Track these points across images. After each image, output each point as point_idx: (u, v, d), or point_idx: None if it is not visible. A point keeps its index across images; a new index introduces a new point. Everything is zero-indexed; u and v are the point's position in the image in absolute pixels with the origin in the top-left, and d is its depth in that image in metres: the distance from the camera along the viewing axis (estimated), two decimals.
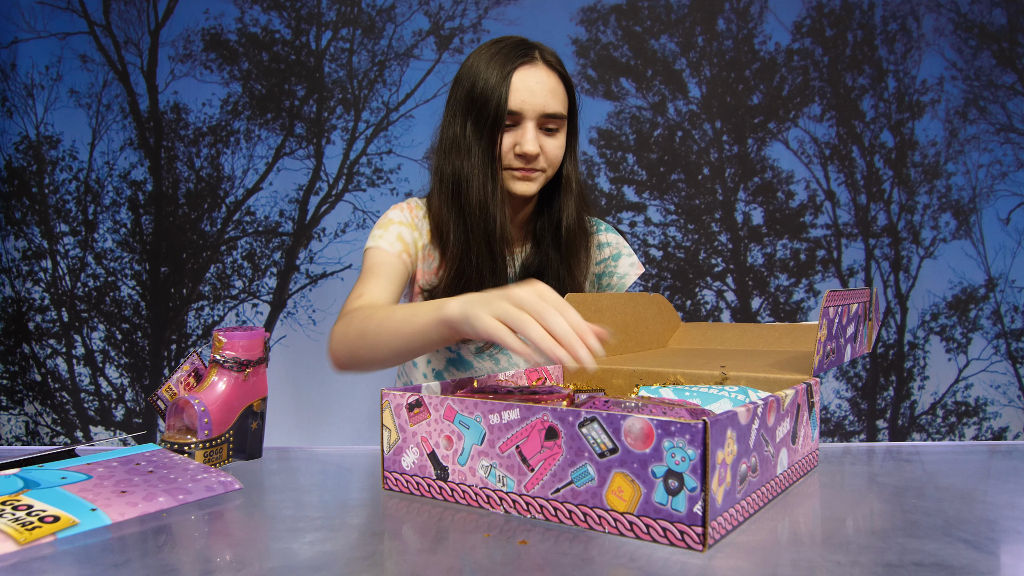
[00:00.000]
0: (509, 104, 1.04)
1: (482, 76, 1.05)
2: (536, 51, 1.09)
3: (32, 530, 0.56)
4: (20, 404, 2.27)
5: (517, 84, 1.05)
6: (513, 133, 1.07)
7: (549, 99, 1.07)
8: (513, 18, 2.24)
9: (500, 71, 1.04)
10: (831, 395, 2.28)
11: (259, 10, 2.24)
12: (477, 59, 1.08)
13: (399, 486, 0.71)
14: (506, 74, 1.04)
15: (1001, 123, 2.25)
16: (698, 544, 0.53)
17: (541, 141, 1.08)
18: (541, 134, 1.08)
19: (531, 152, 1.06)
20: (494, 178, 1.06)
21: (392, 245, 1.13)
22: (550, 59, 1.10)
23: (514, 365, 1.21)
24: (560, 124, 1.10)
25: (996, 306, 2.26)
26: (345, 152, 2.27)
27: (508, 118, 1.06)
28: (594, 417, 0.57)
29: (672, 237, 2.28)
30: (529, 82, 1.06)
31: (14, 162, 2.23)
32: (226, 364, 0.87)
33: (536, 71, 1.07)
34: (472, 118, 1.06)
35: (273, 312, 2.26)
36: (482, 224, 1.07)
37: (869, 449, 0.94)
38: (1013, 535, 0.58)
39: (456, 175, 1.08)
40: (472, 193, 1.06)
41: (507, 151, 1.08)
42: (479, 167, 1.06)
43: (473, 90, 1.06)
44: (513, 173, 1.09)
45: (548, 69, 1.08)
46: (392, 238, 1.14)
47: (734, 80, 2.26)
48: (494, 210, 1.06)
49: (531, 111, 1.06)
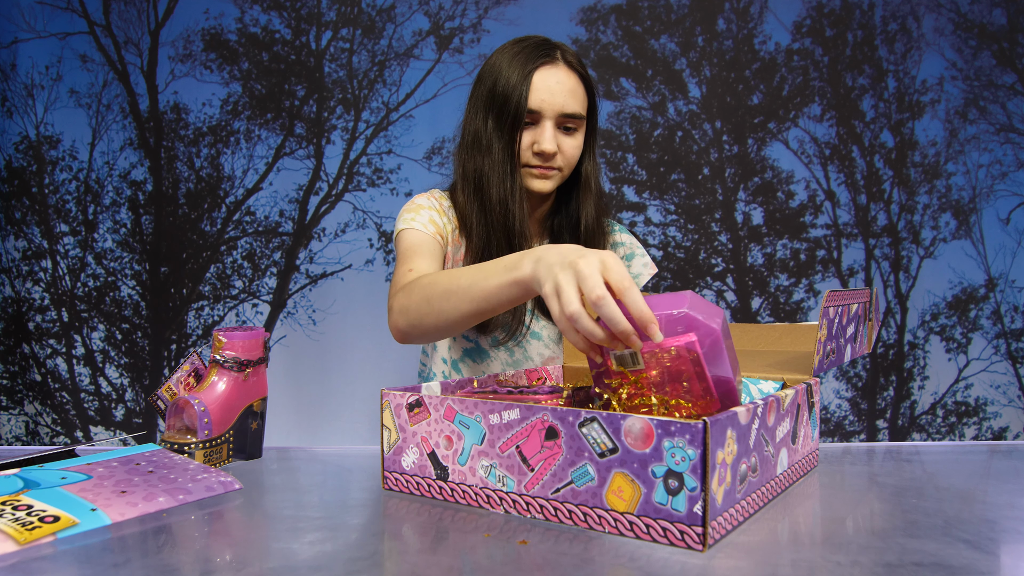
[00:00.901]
0: (529, 103, 1.06)
1: (504, 74, 1.07)
2: (558, 51, 1.11)
3: (32, 530, 0.56)
4: (20, 404, 2.27)
5: (537, 83, 1.07)
6: (532, 131, 1.09)
7: (568, 99, 1.08)
8: (513, 18, 2.24)
9: (521, 70, 1.06)
10: (831, 395, 2.28)
11: (259, 10, 2.24)
12: (500, 57, 1.10)
13: (399, 486, 0.71)
14: (527, 73, 1.06)
15: (1001, 123, 2.25)
16: (698, 544, 0.53)
17: (559, 140, 1.09)
18: (559, 133, 1.10)
19: (549, 151, 1.07)
20: (513, 175, 1.08)
21: (426, 227, 1.13)
22: (571, 59, 1.11)
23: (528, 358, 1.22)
24: (579, 124, 1.11)
25: (996, 306, 2.26)
26: (345, 152, 2.27)
27: (528, 116, 1.07)
28: (594, 417, 0.57)
29: (672, 237, 2.28)
30: (549, 82, 1.07)
31: (14, 162, 2.23)
32: (226, 364, 0.87)
33: (556, 71, 1.08)
34: (493, 115, 1.08)
35: (273, 312, 2.26)
36: (502, 220, 1.09)
37: (869, 449, 0.94)
38: (1013, 535, 0.58)
39: (478, 171, 1.10)
40: (492, 189, 1.08)
41: (526, 149, 1.09)
42: (499, 164, 1.08)
43: (495, 88, 1.08)
44: (531, 171, 1.11)
45: (568, 69, 1.10)
46: (425, 220, 1.14)
47: (734, 80, 2.26)
48: (513, 206, 1.08)
49: (550, 110, 1.07)
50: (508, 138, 1.08)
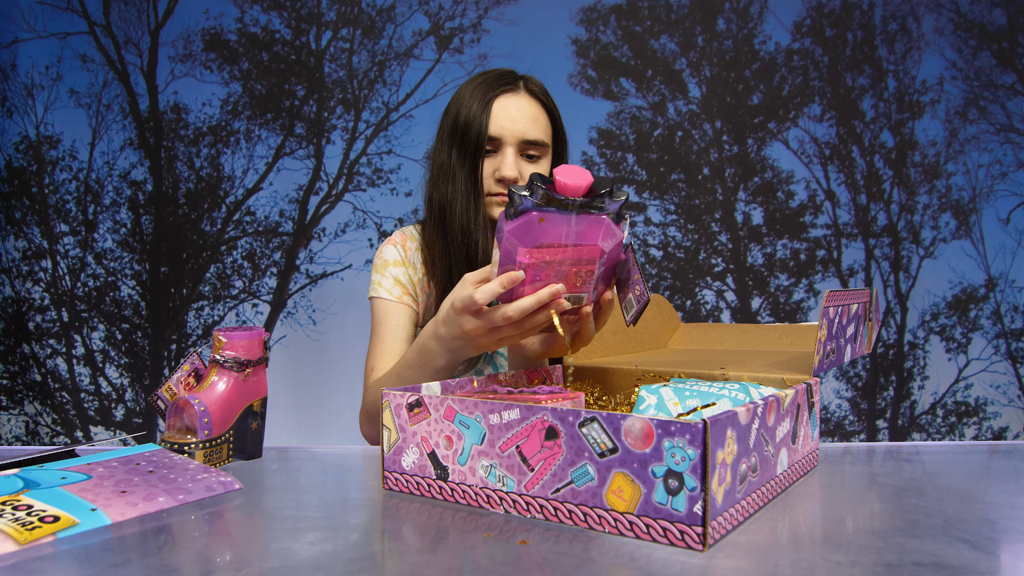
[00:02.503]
0: (489, 130, 1.07)
1: (466, 104, 1.09)
2: (521, 81, 1.12)
3: (32, 530, 0.56)
4: (20, 404, 2.27)
5: (497, 111, 1.08)
6: (494, 159, 1.10)
7: (529, 125, 1.09)
8: (513, 18, 2.24)
9: (482, 99, 1.08)
10: (831, 395, 2.28)
11: (259, 10, 2.24)
12: (464, 89, 1.12)
13: (399, 486, 0.71)
14: (487, 101, 1.08)
15: (1001, 123, 2.25)
16: (698, 544, 0.53)
17: (521, 167, 1.10)
18: (522, 160, 1.10)
19: (509, 177, 1.08)
20: (476, 203, 1.09)
21: (392, 291, 1.16)
22: (534, 88, 1.12)
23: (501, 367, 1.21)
24: (542, 151, 1.12)
25: (996, 306, 2.26)
26: (345, 152, 2.27)
27: (489, 144, 1.08)
28: (594, 417, 0.57)
29: (672, 237, 2.28)
30: (509, 109, 1.08)
31: (14, 162, 2.24)
32: (226, 364, 0.87)
33: (517, 99, 1.10)
34: (456, 145, 1.09)
35: (273, 312, 2.26)
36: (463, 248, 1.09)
37: (869, 449, 0.94)
38: (1013, 535, 0.58)
39: (443, 201, 1.10)
40: (456, 218, 1.09)
41: (488, 176, 1.10)
42: (462, 192, 1.09)
43: (458, 118, 1.09)
44: (494, 199, 1.11)
45: (530, 97, 1.11)
46: (390, 283, 1.17)
47: (734, 80, 2.26)
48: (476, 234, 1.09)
49: (511, 137, 1.08)
50: (471, 166, 1.08)
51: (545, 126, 1.12)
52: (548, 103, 1.13)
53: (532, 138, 1.09)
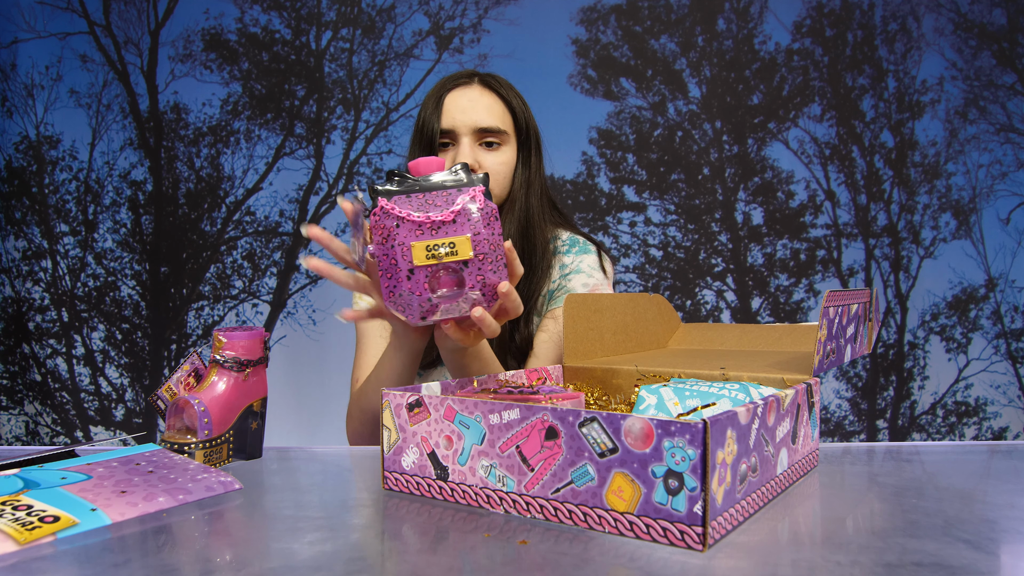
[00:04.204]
0: (442, 124, 1.09)
1: (423, 107, 1.12)
2: (476, 77, 1.13)
3: (32, 530, 0.56)
4: (20, 404, 2.27)
5: (448, 105, 1.10)
6: (452, 152, 1.11)
7: (483, 114, 1.10)
8: (513, 18, 2.24)
9: (435, 98, 1.10)
10: (831, 395, 2.28)
11: (259, 10, 2.24)
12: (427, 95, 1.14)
13: (399, 486, 0.71)
14: (439, 99, 1.10)
15: (1001, 123, 2.25)
16: (698, 544, 0.53)
17: (478, 155, 1.10)
18: (480, 149, 1.11)
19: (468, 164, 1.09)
20: None
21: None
22: (489, 80, 1.13)
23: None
24: (501, 139, 1.11)
25: (996, 306, 2.26)
26: (345, 152, 2.27)
27: (445, 137, 1.10)
28: (594, 417, 0.57)
29: (672, 237, 2.28)
30: (460, 101, 1.10)
31: (14, 162, 2.24)
32: (226, 364, 0.87)
33: (469, 91, 1.11)
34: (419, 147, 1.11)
35: (273, 312, 2.26)
36: None
37: (869, 449, 0.94)
38: (1013, 535, 0.58)
39: None
40: None
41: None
42: None
43: (418, 121, 1.12)
44: None
45: (483, 88, 1.12)
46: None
47: (734, 80, 2.26)
48: None
49: (464, 127, 1.09)
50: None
51: (502, 114, 1.12)
52: (506, 94, 1.13)
53: (486, 125, 1.09)
